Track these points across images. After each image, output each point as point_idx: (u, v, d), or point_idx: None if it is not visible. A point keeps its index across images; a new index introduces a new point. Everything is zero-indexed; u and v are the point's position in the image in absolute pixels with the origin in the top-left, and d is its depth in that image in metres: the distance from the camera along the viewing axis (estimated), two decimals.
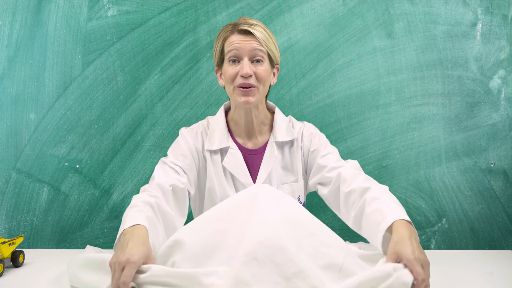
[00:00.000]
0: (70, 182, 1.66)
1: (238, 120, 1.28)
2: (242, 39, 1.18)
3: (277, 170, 1.28)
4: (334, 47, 1.67)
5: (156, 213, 1.08)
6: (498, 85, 1.67)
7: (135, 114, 1.67)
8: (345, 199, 1.18)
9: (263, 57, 1.20)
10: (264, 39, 1.19)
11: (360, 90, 1.68)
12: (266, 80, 1.22)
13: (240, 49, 1.18)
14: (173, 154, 1.25)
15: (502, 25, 1.67)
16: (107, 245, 1.66)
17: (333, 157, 1.27)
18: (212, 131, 1.29)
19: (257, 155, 1.28)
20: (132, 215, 1.02)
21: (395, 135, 1.68)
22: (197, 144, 1.28)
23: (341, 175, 1.21)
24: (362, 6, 1.67)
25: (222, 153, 1.28)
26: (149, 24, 1.66)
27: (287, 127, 1.30)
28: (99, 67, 1.66)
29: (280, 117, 1.31)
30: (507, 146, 1.68)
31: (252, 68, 1.18)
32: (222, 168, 1.27)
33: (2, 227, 1.66)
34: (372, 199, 1.09)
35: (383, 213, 1.03)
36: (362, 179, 1.18)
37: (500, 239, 1.69)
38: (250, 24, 1.19)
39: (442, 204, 1.69)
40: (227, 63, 1.21)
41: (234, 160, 1.26)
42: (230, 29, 1.21)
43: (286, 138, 1.28)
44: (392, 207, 1.05)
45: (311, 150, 1.30)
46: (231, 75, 1.19)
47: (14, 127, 1.65)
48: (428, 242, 1.69)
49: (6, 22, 1.65)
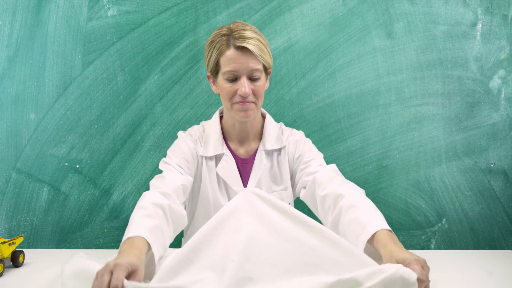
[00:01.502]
0: (70, 182, 1.66)
1: (232, 128, 1.29)
2: (239, 57, 1.17)
3: (266, 178, 1.29)
4: (334, 47, 1.67)
5: (166, 216, 1.05)
6: (498, 85, 1.67)
7: (135, 114, 1.67)
8: (321, 203, 1.18)
9: (260, 72, 1.20)
10: (260, 52, 1.18)
11: (360, 90, 1.68)
12: (263, 93, 1.23)
13: (238, 69, 1.18)
14: (176, 156, 1.25)
15: (502, 25, 1.67)
16: (107, 245, 1.66)
17: (315, 163, 1.27)
18: (207, 137, 1.29)
19: (248, 164, 1.29)
20: (137, 221, 0.98)
21: (395, 135, 1.68)
22: (196, 149, 1.29)
23: (316, 179, 1.21)
24: (362, 6, 1.67)
25: (216, 159, 1.29)
26: (149, 24, 1.66)
27: (277, 135, 1.31)
28: (99, 67, 1.66)
29: (270, 124, 1.32)
30: (507, 146, 1.68)
31: (250, 86, 1.19)
32: (216, 175, 1.28)
33: (2, 227, 1.65)
34: (349, 207, 1.07)
35: (362, 223, 1.00)
36: (337, 183, 1.17)
37: (500, 239, 1.69)
38: (246, 38, 1.17)
39: (442, 204, 1.69)
40: (223, 79, 1.21)
41: (227, 168, 1.27)
42: (225, 43, 1.19)
43: (275, 146, 1.29)
44: (369, 216, 1.02)
45: (295, 157, 1.30)
46: (229, 93, 1.20)
47: (14, 127, 1.65)
48: (428, 242, 1.69)
49: (6, 22, 1.65)
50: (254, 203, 0.97)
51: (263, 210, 0.96)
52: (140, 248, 0.90)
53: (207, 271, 0.89)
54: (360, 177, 1.68)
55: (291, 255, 0.90)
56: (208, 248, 0.92)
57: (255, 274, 0.85)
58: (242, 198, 0.99)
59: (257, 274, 0.86)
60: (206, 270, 0.89)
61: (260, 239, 0.91)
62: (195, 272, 0.89)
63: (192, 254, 0.91)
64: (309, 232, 0.93)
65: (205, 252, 0.92)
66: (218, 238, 0.93)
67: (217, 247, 0.92)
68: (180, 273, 0.88)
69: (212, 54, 1.22)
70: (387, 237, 0.94)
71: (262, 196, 0.99)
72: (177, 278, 0.87)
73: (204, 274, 0.88)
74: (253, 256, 0.87)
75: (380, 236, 0.95)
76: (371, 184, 1.68)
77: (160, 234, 1.00)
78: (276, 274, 0.87)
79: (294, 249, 0.90)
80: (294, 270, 0.88)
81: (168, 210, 1.07)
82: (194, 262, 0.90)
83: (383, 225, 0.98)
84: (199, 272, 0.89)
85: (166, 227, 1.04)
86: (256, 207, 0.96)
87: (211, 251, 0.92)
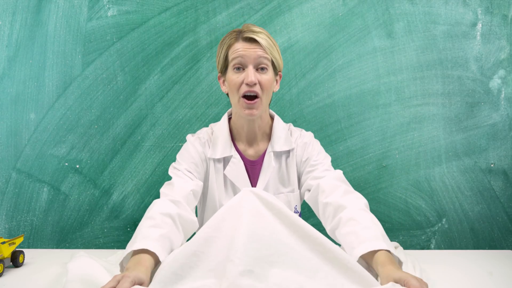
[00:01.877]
0: (70, 182, 1.66)
1: (240, 128, 1.29)
2: (247, 47, 1.19)
3: (274, 180, 1.29)
4: (334, 47, 1.67)
5: (176, 223, 1.06)
6: (498, 85, 1.67)
7: (135, 114, 1.67)
8: (323, 210, 1.18)
9: (267, 64, 1.20)
10: (269, 46, 1.19)
11: (360, 90, 1.68)
12: (270, 89, 1.23)
13: (245, 56, 1.18)
14: (185, 161, 1.25)
15: (502, 25, 1.67)
16: (107, 245, 1.66)
17: (322, 167, 1.26)
18: (215, 139, 1.29)
19: (257, 165, 1.29)
20: (144, 232, 0.99)
21: (395, 135, 1.68)
22: (204, 152, 1.29)
23: (320, 185, 1.20)
24: (362, 6, 1.67)
25: (224, 161, 1.29)
26: (149, 24, 1.66)
27: (286, 137, 1.31)
28: (99, 67, 1.66)
29: (279, 126, 1.31)
30: (507, 146, 1.68)
31: (257, 76, 1.19)
32: (223, 177, 1.28)
33: (2, 227, 1.65)
34: (348, 220, 1.06)
35: (360, 238, 1.00)
36: (340, 192, 1.16)
37: (500, 239, 1.69)
38: (255, 31, 1.19)
39: (442, 204, 1.69)
40: (231, 71, 1.21)
41: (236, 170, 1.27)
42: (235, 36, 1.21)
43: (284, 148, 1.29)
44: (368, 233, 1.01)
45: (303, 159, 1.30)
46: (236, 84, 1.20)
47: (14, 127, 1.66)
48: (428, 242, 1.69)
49: (6, 22, 1.65)
50: (254, 203, 0.97)
51: (261, 210, 0.96)
52: (146, 266, 0.91)
53: (211, 274, 0.89)
54: (360, 177, 1.68)
55: (286, 258, 0.90)
56: (211, 251, 0.92)
57: (255, 267, 0.86)
58: (242, 198, 0.99)
59: (257, 267, 0.86)
60: (210, 273, 0.89)
61: (259, 235, 0.91)
62: (199, 276, 0.89)
63: (196, 258, 0.91)
64: (304, 243, 0.93)
65: (207, 255, 0.92)
66: (221, 240, 0.93)
67: (220, 249, 0.92)
68: (185, 277, 0.89)
69: (222, 51, 1.23)
70: (385, 257, 0.95)
71: (262, 196, 0.99)
72: (181, 282, 0.88)
73: (207, 279, 0.89)
74: (252, 250, 0.88)
75: (379, 257, 0.95)
76: (371, 184, 1.68)
77: (168, 242, 1.00)
78: (274, 272, 0.88)
79: (290, 253, 0.91)
80: (290, 272, 0.89)
81: (178, 218, 1.07)
82: (198, 265, 0.91)
83: (381, 244, 0.97)
84: (203, 276, 0.89)
85: (175, 235, 1.04)
86: (256, 207, 0.96)
87: (213, 254, 0.92)
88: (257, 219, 0.94)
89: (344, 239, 1.04)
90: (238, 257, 0.85)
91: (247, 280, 0.83)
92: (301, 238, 0.93)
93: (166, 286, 0.86)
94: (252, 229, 0.91)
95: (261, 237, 0.91)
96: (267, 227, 0.93)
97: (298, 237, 0.94)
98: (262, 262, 0.87)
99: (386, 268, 0.91)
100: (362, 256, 0.97)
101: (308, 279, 0.87)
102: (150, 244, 0.95)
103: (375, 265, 0.95)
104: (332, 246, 0.91)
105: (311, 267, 0.89)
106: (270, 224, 0.94)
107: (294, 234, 0.94)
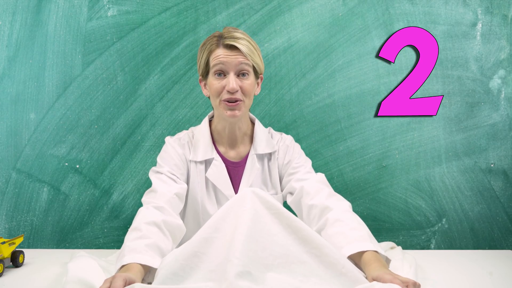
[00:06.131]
0: (70, 182, 1.66)
1: (222, 131, 1.29)
2: (228, 54, 1.19)
3: (257, 182, 1.30)
4: (334, 47, 1.67)
5: (162, 230, 1.07)
6: (498, 85, 1.67)
7: (135, 114, 1.67)
8: (307, 212, 1.20)
9: (248, 70, 1.21)
10: (250, 52, 1.19)
11: (360, 90, 1.68)
12: (251, 93, 1.24)
13: (226, 63, 1.18)
14: (166, 163, 1.25)
15: (502, 25, 1.67)
16: (107, 245, 1.66)
17: (303, 169, 1.29)
18: (196, 141, 1.30)
19: (239, 167, 1.29)
20: (131, 246, 1.00)
21: (395, 135, 1.68)
22: (185, 154, 1.29)
23: (304, 188, 1.22)
24: (362, 6, 1.67)
25: (206, 164, 1.29)
26: (149, 24, 1.66)
27: (267, 139, 1.32)
28: (99, 67, 1.66)
29: (260, 129, 1.32)
30: (507, 146, 1.68)
31: (238, 82, 1.19)
32: (205, 179, 1.28)
33: (2, 227, 1.65)
34: (335, 221, 1.09)
35: (347, 239, 1.04)
36: (325, 195, 1.19)
37: (500, 239, 1.69)
38: (236, 38, 1.19)
39: (442, 204, 1.69)
40: (212, 76, 1.21)
41: (217, 172, 1.27)
42: (215, 42, 1.21)
43: (266, 151, 1.30)
44: (355, 234, 1.05)
45: (285, 162, 1.32)
46: (217, 89, 1.20)
47: (14, 127, 1.65)
48: (428, 242, 1.69)
49: (6, 22, 1.65)
50: (254, 203, 0.97)
51: (260, 211, 0.96)
52: (136, 270, 0.93)
53: (211, 276, 0.89)
54: (360, 177, 1.68)
55: (282, 261, 0.91)
56: (211, 251, 0.93)
57: (253, 269, 0.86)
58: (242, 197, 0.99)
59: (254, 269, 0.86)
60: (210, 274, 0.90)
61: (256, 237, 0.91)
62: (200, 277, 0.90)
63: (197, 258, 0.91)
64: (300, 245, 0.94)
65: (208, 255, 0.92)
66: (221, 240, 0.94)
67: (220, 249, 0.92)
68: (186, 278, 0.89)
69: (203, 56, 1.24)
70: (371, 257, 0.98)
71: (262, 196, 0.99)
72: (182, 283, 0.88)
73: (208, 281, 0.89)
74: (250, 251, 0.88)
75: (365, 257, 0.99)
76: (371, 184, 1.68)
77: (156, 249, 1.01)
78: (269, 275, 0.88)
79: (284, 256, 0.92)
80: (285, 276, 0.89)
81: (164, 224, 1.08)
82: (199, 266, 0.91)
83: (368, 245, 1.01)
84: (203, 278, 0.89)
85: (163, 242, 1.05)
86: (255, 207, 0.96)
87: (214, 255, 0.92)
88: (256, 220, 0.94)
89: (332, 240, 1.06)
90: (237, 257, 0.85)
91: (245, 282, 0.83)
92: (298, 240, 0.95)
93: (167, 286, 0.86)
94: (250, 229, 0.91)
95: (258, 238, 0.91)
96: (264, 228, 0.94)
97: (294, 239, 0.95)
98: (258, 264, 0.88)
99: (371, 267, 0.95)
100: (350, 256, 1.01)
101: (302, 284, 0.88)
102: (138, 257, 0.97)
103: (363, 265, 0.99)
104: (329, 250, 0.93)
105: (305, 272, 0.91)
106: (267, 225, 0.94)
107: (290, 236, 0.95)
